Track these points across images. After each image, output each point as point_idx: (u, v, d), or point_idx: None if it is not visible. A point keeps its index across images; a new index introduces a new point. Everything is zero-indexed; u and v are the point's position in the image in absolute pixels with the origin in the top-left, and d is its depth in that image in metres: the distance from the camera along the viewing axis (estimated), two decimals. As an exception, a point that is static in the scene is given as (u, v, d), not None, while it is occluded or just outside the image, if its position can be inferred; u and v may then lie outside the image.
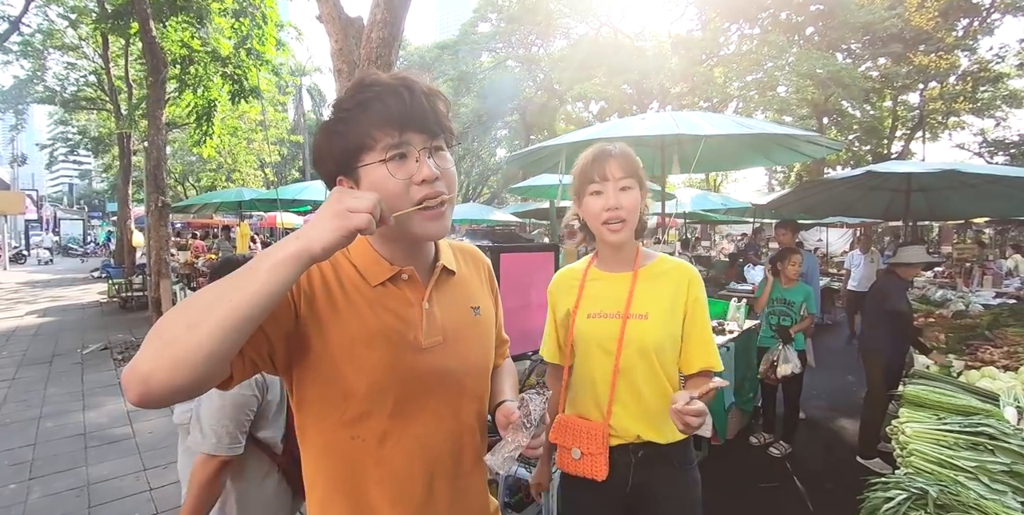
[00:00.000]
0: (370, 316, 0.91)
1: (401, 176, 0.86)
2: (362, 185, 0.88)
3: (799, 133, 4.50)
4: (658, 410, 1.38)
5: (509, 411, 1.02)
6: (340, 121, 0.88)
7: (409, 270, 0.97)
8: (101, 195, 42.62)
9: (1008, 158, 17.90)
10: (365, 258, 0.97)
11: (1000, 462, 1.92)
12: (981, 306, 5.56)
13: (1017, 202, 5.43)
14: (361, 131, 0.86)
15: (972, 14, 17.94)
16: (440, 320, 0.98)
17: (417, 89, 0.88)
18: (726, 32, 21.09)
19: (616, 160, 1.36)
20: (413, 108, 0.86)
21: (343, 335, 0.89)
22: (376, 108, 0.85)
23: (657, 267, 1.46)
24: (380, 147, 0.85)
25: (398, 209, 0.85)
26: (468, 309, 1.06)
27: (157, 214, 7.32)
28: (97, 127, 20.39)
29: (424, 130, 0.88)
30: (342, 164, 0.89)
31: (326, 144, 0.90)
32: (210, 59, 8.36)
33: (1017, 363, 3.33)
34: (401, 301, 0.96)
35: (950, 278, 8.52)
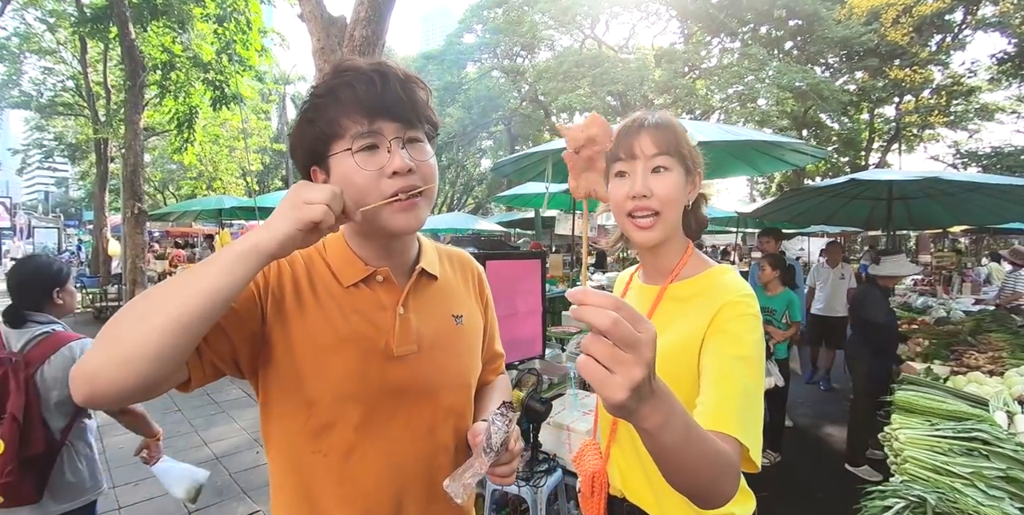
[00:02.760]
0: (339, 320, 0.85)
1: (370, 167, 0.80)
2: (332, 176, 0.83)
3: (785, 141, 4.54)
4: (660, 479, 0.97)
5: (475, 432, 0.92)
6: (312, 108, 0.84)
7: (384, 271, 0.91)
8: (78, 203, 41.77)
9: (981, 169, 18.31)
10: (340, 257, 0.91)
11: (995, 468, 1.90)
12: (962, 313, 5.62)
13: (994, 211, 5.52)
14: (330, 118, 0.81)
15: (945, 30, 18.48)
16: (416, 327, 0.91)
17: (392, 75, 0.82)
18: (708, 45, 21.50)
19: (650, 132, 0.99)
20: (386, 95, 0.80)
21: (309, 339, 0.83)
22: (346, 94, 0.80)
23: (695, 284, 1.03)
24: (349, 135, 0.80)
25: (369, 203, 0.80)
26: (449, 317, 0.98)
27: (133, 221, 7.14)
28: (74, 133, 20.01)
29: (397, 119, 0.82)
30: (313, 154, 0.84)
31: (299, 132, 0.86)
32: (191, 65, 8.24)
33: (1002, 368, 3.35)
34: (373, 304, 0.89)
35: (930, 286, 8.64)
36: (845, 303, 5.58)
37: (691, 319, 0.97)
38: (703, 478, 0.67)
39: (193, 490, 2.09)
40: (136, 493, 3.44)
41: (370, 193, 0.80)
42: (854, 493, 2.11)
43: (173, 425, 4.57)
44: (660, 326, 0.97)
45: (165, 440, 2.11)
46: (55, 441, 1.74)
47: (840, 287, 5.81)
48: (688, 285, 1.04)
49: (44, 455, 1.69)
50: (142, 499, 3.35)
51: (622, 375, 0.50)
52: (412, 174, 0.82)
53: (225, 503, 3.29)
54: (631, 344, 0.50)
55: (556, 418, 2.43)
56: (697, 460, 0.64)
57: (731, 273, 1.03)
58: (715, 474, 0.68)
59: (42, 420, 1.69)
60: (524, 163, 5.29)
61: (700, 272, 1.05)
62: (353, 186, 0.79)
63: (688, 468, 0.65)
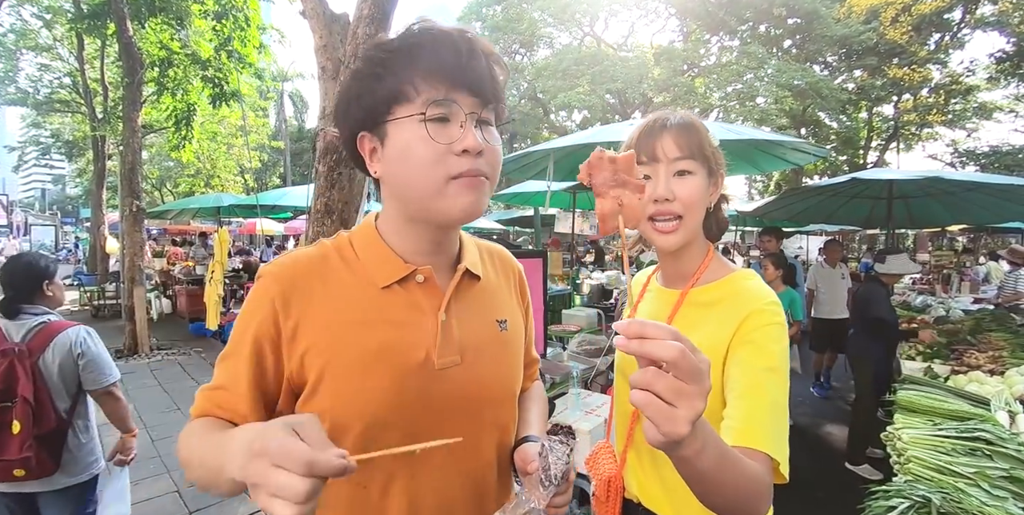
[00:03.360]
0: (369, 332, 0.74)
1: (441, 140, 0.70)
2: (388, 145, 0.73)
3: (786, 139, 4.54)
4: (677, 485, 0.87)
5: (528, 457, 0.82)
6: (378, 62, 0.72)
7: (426, 270, 0.79)
8: (75, 201, 41.64)
9: (979, 168, 18.37)
10: (373, 254, 0.80)
11: (999, 467, 1.90)
12: (962, 312, 5.63)
13: (994, 210, 5.54)
14: (403, 77, 0.70)
15: (944, 29, 18.49)
16: (458, 335, 0.80)
17: (478, 46, 0.73)
18: (707, 43, 21.47)
19: (673, 133, 0.96)
20: (471, 65, 0.71)
21: (333, 359, 0.73)
22: (425, 55, 0.70)
23: (717, 290, 0.99)
24: (421, 101, 0.70)
25: (427, 183, 0.71)
26: (492, 322, 0.87)
27: (131, 219, 7.10)
28: (71, 130, 19.93)
29: (477, 94, 0.72)
30: (370, 115, 0.73)
31: (355, 88, 0.74)
32: (189, 62, 8.19)
33: (1002, 367, 3.35)
34: (412, 309, 0.78)
35: (928, 285, 8.66)
36: (845, 304, 5.44)
37: (714, 326, 0.92)
38: (739, 499, 0.66)
39: None
40: (136, 493, 3.43)
41: (432, 170, 0.70)
42: (854, 492, 2.12)
43: (172, 424, 4.55)
44: (685, 331, 0.94)
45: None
46: (63, 420, 1.93)
47: (841, 288, 5.59)
48: (710, 290, 1.00)
49: (55, 432, 1.90)
50: (141, 499, 3.34)
51: (686, 408, 0.48)
52: (480, 157, 0.73)
53: (225, 503, 3.28)
54: (695, 376, 0.48)
55: (558, 418, 2.43)
56: (733, 482, 0.63)
57: (754, 278, 0.99)
58: (750, 494, 0.67)
59: (51, 401, 1.90)
60: (524, 161, 5.28)
61: (722, 276, 1.01)
62: (413, 159, 0.70)
63: (725, 490, 0.64)
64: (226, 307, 8.77)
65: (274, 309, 0.73)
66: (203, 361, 6.83)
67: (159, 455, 3.95)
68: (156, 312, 9.54)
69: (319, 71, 2.20)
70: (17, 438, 1.78)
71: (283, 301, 0.74)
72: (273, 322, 0.73)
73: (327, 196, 1.98)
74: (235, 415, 0.73)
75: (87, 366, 1.98)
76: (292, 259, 0.79)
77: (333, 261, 0.80)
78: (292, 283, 0.75)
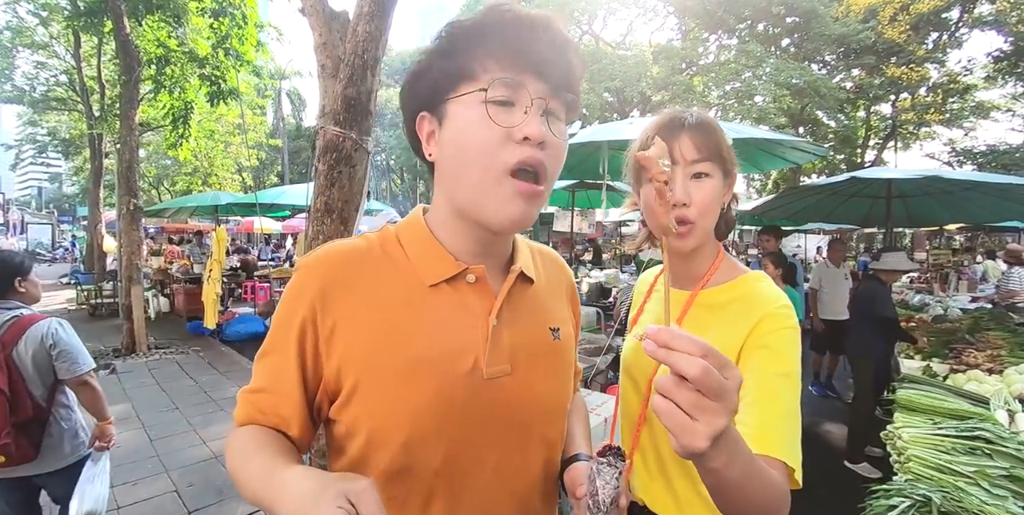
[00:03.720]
0: (415, 334, 0.69)
1: (502, 123, 0.65)
2: (446, 125, 0.69)
3: (785, 138, 4.54)
4: (683, 489, 0.96)
5: (575, 479, 0.78)
6: (449, 39, 0.69)
7: (478, 269, 0.74)
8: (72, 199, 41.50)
9: (976, 167, 18.41)
10: (422, 248, 0.74)
11: (999, 466, 1.90)
12: (960, 310, 5.64)
13: (992, 209, 5.54)
14: (471, 54, 0.66)
15: (941, 28, 18.50)
16: (509, 342, 0.74)
17: (556, 31, 0.68)
18: (705, 42, 21.43)
19: (691, 134, 0.93)
20: (544, 49, 0.66)
21: (374, 367, 0.68)
22: (497, 33, 0.66)
23: (728, 292, 0.98)
24: (486, 78, 0.66)
25: (480, 172, 0.66)
26: (546, 330, 0.81)
27: (129, 218, 7.07)
28: (68, 128, 19.82)
29: (547, 80, 0.67)
30: (433, 93, 0.70)
31: (426, 67, 0.71)
32: (187, 59, 8.15)
33: (1001, 366, 3.36)
34: (461, 311, 0.72)
35: (926, 283, 8.68)
36: (846, 305, 5.40)
37: (725, 329, 0.91)
38: (760, 509, 0.65)
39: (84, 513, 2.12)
40: (135, 493, 3.42)
41: (487, 157, 0.65)
42: (854, 490, 2.13)
43: (170, 424, 4.54)
44: (694, 332, 0.92)
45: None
46: (42, 408, 2.02)
47: (844, 288, 5.44)
48: (721, 292, 0.98)
49: (34, 419, 1.98)
50: (140, 499, 3.33)
51: (705, 424, 0.48)
52: (542, 149, 0.66)
53: (225, 503, 3.27)
54: (719, 394, 0.47)
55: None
56: (756, 492, 0.63)
57: (765, 280, 0.98)
58: (770, 503, 0.67)
59: (27, 391, 1.97)
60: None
61: (733, 278, 0.99)
62: (469, 141, 0.66)
63: (748, 500, 0.63)
64: (224, 306, 8.76)
65: (313, 306, 0.69)
66: (201, 360, 6.81)
67: (157, 454, 3.94)
68: (154, 311, 9.51)
69: (318, 69, 2.19)
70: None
71: (322, 298, 0.69)
72: (312, 320, 0.69)
73: (327, 195, 1.97)
74: (280, 420, 0.70)
75: (60, 356, 2.04)
76: (332, 251, 0.74)
77: (376, 255, 0.74)
78: (331, 277, 0.71)
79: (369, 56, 2.02)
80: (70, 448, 2.10)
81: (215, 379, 5.96)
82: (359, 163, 2.00)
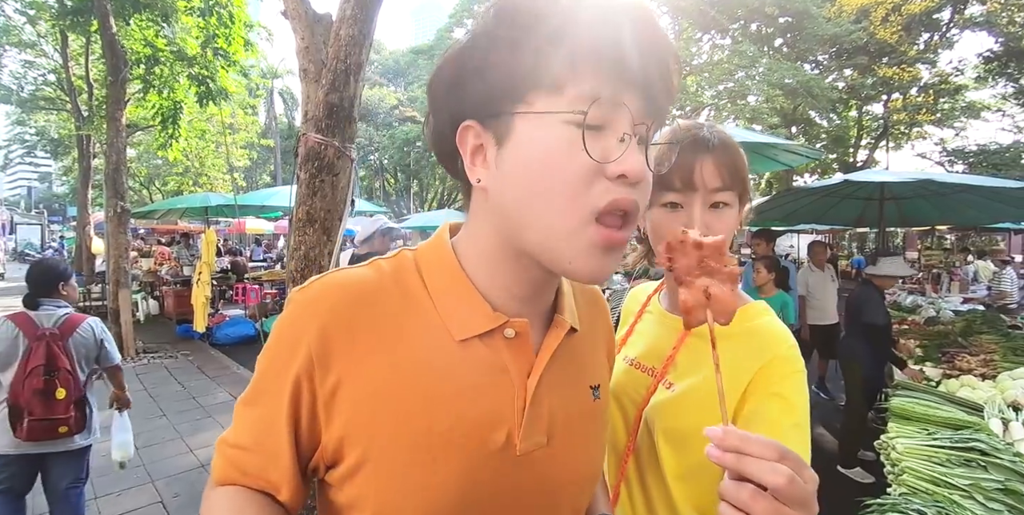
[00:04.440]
0: (437, 404, 0.55)
1: (596, 156, 0.50)
2: (508, 146, 0.53)
3: (779, 142, 4.53)
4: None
5: None
6: (520, 25, 0.50)
7: (521, 324, 0.59)
8: (62, 199, 41.15)
9: (967, 167, 18.53)
10: (451, 290, 0.59)
11: (994, 479, 1.88)
12: (952, 312, 5.65)
13: (985, 211, 5.55)
14: (555, 53, 0.49)
15: (933, 29, 18.60)
16: (548, 410, 0.61)
17: (662, 38, 0.53)
18: (699, 42, 21.45)
19: (716, 159, 0.83)
20: (650, 60, 0.51)
21: (386, 441, 0.54)
22: (590, 33, 0.49)
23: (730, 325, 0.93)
24: (574, 94, 0.49)
25: (561, 215, 0.52)
26: (587, 390, 0.68)
27: (116, 220, 6.98)
28: (57, 128, 19.62)
29: (651, 99, 0.53)
30: (491, 98, 0.52)
31: (474, 56, 0.53)
32: (175, 59, 8.06)
33: (994, 371, 3.35)
34: (496, 373, 0.58)
35: (918, 284, 8.71)
36: (836, 309, 5.34)
37: (727, 365, 0.79)
38: None
39: (125, 458, 2.87)
40: (119, 504, 3.36)
41: (574, 197, 0.50)
42: (847, 495, 2.11)
43: (158, 431, 4.47)
44: (686, 365, 0.90)
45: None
46: (82, 390, 2.49)
47: (832, 292, 5.39)
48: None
49: (82, 398, 2.48)
50: (125, 510, 3.27)
51: None
52: (639, 188, 0.53)
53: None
54: (803, 502, 0.42)
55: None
56: None
57: (769, 314, 0.90)
58: None
59: (78, 373, 2.46)
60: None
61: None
62: (549, 173, 0.51)
63: None
64: (215, 308, 8.68)
65: (310, 359, 0.55)
66: (190, 364, 6.73)
67: (143, 464, 3.86)
68: (143, 314, 9.41)
69: (301, 73, 2.14)
70: (63, 402, 2.34)
71: (322, 349, 0.54)
72: (309, 376, 0.55)
73: (309, 204, 1.91)
74: (266, 484, 0.59)
75: (108, 348, 2.63)
76: (335, 285, 0.58)
77: (391, 294, 0.59)
78: (335, 323, 0.55)
79: (352, 61, 1.96)
80: (91, 429, 2.54)
81: (204, 384, 5.88)
82: (342, 171, 1.95)
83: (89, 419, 2.50)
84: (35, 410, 2.27)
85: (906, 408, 2.56)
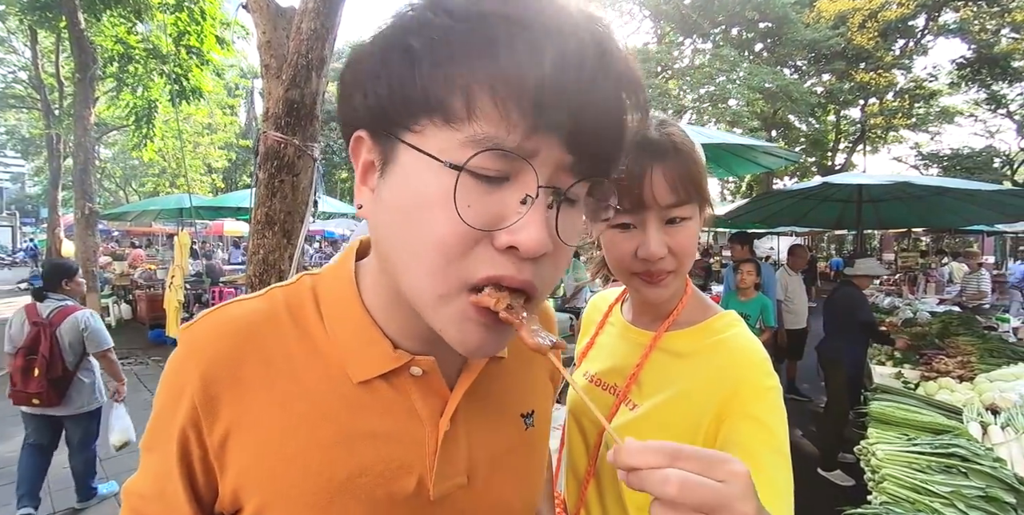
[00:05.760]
0: (334, 452, 0.49)
1: (478, 212, 0.40)
2: (390, 177, 0.43)
3: (759, 144, 4.52)
4: None
5: None
6: (427, 32, 0.39)
7: (427, 362, 0.52)
8: (35, 200, 40.11)
9: (941, 170, 18.93)
10: (348, 325, 0.52)
11: (975, 486, 1.84)
12: (928, 313, 5.70)
13: (960, 214, 5.62)
14: (456, 75, 0.38)
15: (908, 35, 19.00)
16: (468, 449, 0.55)
17: (614, 69, 0.41)
18: (680, 46, 21.68)
19: (667, 169, 0.72)
20: (588, 100, 0.39)
21: (281, 494, 0.48)
22: (514, 47, 0.37)
23: (695, 337, 0.82)
24: (469, 133, 0.38)
25: (426, 279, 0.43)
26: (517, 419, 0.61)
27: (84, 222, 6.77)
28: (28, 127, 19.11)
29: (577, 148, 0.40)
30: (381, 114, 0.42)
31: (373, 61, 0.42)
32: (149, 57, 7.86)
33: (971, 373, 3.35)
34: (400, 416, 0.52)
35: (895, 286, 8.81)
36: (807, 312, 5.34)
37: (695, 382, 0.77)
38: None
39: (121, 442, 3.11)
40: None
41: (443, 257, 0.41)
42: (828, 497, 2.07)
43: (122, 440, 4.30)
44: (650, 383, 0.81)
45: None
46: (69, 371, 2.97)
47: (804, 295, 5.33)
48: (687, 336, 0.82)
49: (63, 378, 2.94)
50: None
51: None
52: (541, 264, 0.43)
53: None
54: (717, 505, 0.35)
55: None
56: None
57: (738, 326, 0.82)
58: None
59: (61, 357, 2.91)
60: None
61: (701, 320, 0.83)
62: (417, 225, 0.41)
63: None
64: (189, 313, 8.45)
65: (194, 408, 0.48)
66: (161, 370, 6.52)
67: (107, 476, 3.70)
68: (114, 318, 9.13)
69: (262, 69, 2.04)
70: (35, 379, 2.84)
71: (205, 397, 0.48)
72: (195, 426, 0.48)
73: (268, 205, 1.81)
74: None
75: (89, 336, 3.00)
76: (221, 321, 0.52)
77: (284, 328, 0.51)
78: (218, 366, 0.49)
79: (314, 56, 1.87)
80: (86, 401, 3.07)
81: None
82: (303, 171, 1.85)
83: (79, 392, 3.02)
84: (16, 382, 2.89)
85: (885, 412, 2.53)
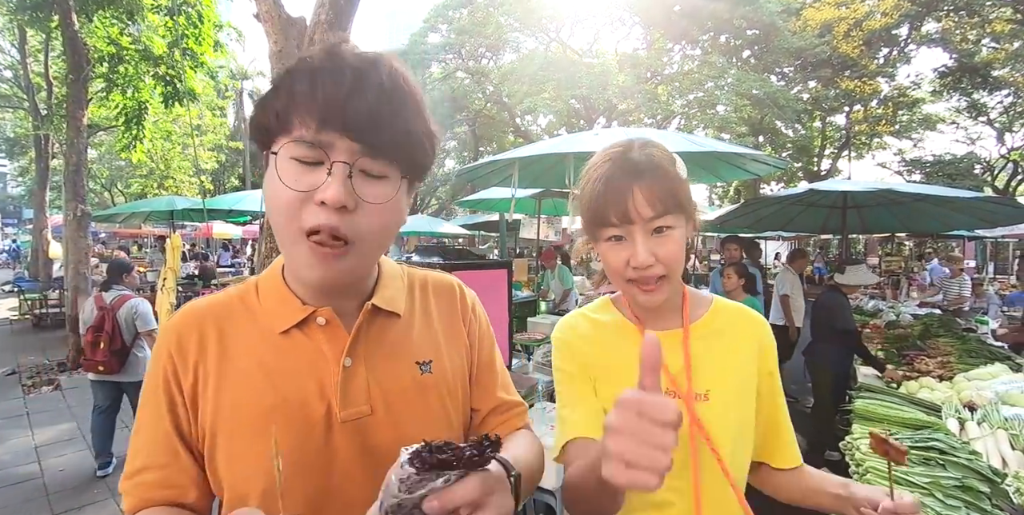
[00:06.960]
0: (264, 384, 0.68)
1: (300, 185, 0.61)
2: (267, 176, 0.65)
3: (747, 151, 4.63)
4: None
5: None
6: (275, 85, 0.66)
7: (326, 311, 0.71)
8: (17, 200, 39.43)
9: (924, 176, 19.30)
10: (273, 295, 0.74)
11: (952, 477, 1.95)
12: (911, 316, 5.86)
13: (941, 219, 5.79)
14: (279, 108, 0.63)
15: (892, 44, 19.35)
16: (367, 383, 0.71)
17: (374, 77, 0.63)
18: (669, 52, 21.89)
19: (644, 188, 0.83)
20: (352, 100, 0.61)
21: (227, 419, 0.67)
22: (302, 84, 0.61)
23: (715, 320, 0.96)
24: (292, 138, 0.62)
25: (281, 232, 0.64)
26: (412, 366, 0.76)
27: (75, 224, 6.73)
28: (13, 127, 18.84)
29: (357, 137, 0.61)
30: (265, 133, 0.66)
31: (269, 98, 0.66)
32: (141, 58, 7.83)
33: (951, 372, 3.49)
34: (312, 356, 0.70)
35: (879, 289, 9.01)
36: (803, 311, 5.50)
37: (738, 355, 0.95)
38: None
39: None
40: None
41: (285, 218, 0.62)
42: None
43: (118, 444, 4.28)
44: (707, 368, 0.91)
45: None
46: (126, 345, 3.77)
47: (802, 295, 5.55)
48: (709, 321, 0.97)
49: (121, 350, 3.74)
50: None
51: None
52: (345, 214, 0.62)
53: None
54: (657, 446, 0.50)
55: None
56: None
57: (729, 300, 1.03)
58: None
59: (120, 334, 3.73)
60: (489, 169, 5.24)
61: (709, 306, 0.99)
62: (271, 200, 0.64)
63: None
64: (179, 315, 8.38)
65: (172, 363, 0.70)
66: (154, 373, 6.50)
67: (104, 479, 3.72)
68: (103, 320, 9.07)
69: (274, 77, 2.10)
70: (101, 350, 3.64)
71: (180, 353, 0.70)
72: (174, 373, 0.70)
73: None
74: (173, 493, 0.68)
75: (138, 319, 3.80)
76: (190, 308, 0.75)
77: (235, 308, 0.74)
78: (187, 332, 0.71)
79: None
80: (140, 370, 3.77)
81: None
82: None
83: (137, 363, 3.79)
84: (87, 353, 3.71)
85: (869, 410, 2.64)
